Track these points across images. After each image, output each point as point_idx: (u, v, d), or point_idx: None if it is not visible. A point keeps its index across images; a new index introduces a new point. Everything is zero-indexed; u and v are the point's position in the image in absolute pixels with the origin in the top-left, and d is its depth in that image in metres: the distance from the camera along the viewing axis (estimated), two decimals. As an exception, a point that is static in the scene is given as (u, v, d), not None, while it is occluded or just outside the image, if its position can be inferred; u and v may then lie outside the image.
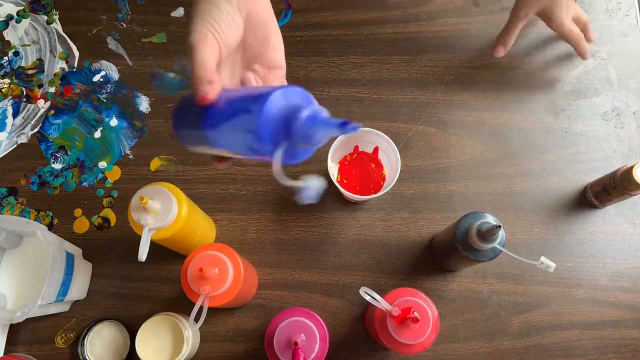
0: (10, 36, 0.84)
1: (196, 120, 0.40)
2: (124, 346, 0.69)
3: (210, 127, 0.38)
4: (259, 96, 0.34)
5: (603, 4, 0.84)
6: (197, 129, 0.40)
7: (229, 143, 0.37)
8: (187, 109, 0.43)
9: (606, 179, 0.70)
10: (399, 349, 0.57)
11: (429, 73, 0.80)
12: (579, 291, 0.72)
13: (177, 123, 0.45)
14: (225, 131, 0.37)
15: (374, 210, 0.75)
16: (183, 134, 0.44)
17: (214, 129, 0.38)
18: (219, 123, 0.37)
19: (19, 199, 0.76)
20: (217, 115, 0.38)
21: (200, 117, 0.39)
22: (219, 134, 0.37)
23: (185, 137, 0.44)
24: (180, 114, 0.44)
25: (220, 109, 0.38)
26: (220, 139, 0.38)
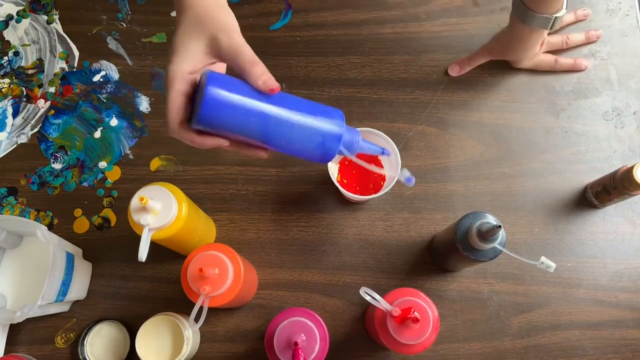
0: (10, 36, 0.84)
1: (252, 109, 0.43)
2: (124, 346, 0.69)
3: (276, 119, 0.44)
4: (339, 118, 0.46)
5: (603, 4, 0.84)
6: (250, 119, 0.44)
7: (291, 137, 0.44)
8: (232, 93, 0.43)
9: (606, 179, 0.70)
10: (399, 349, 0.57)
11: (429, 73, 0.80)
12: (579, 291, 0.72)
13: (214, 102, 0.43)
14: (295, 128, 0.44)
15: (374, 210, 0.75)
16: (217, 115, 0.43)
17: (281, 123, 0.44)
18: (291, 120, 0.44)
19: (19, 199, 0.76)
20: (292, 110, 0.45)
21: (260, 108, 0.43)
22: (284, 127, 0.44)
23: (219, 120, 0.44)
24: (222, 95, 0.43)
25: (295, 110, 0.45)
26: (283, 131, 0.44)
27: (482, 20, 0.83)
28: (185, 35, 0.46)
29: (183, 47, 0.46)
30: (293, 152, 0.46)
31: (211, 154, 0.77)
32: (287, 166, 0.76)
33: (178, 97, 0.45)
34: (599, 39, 0.81)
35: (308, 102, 0.46)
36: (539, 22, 0.68)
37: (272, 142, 0.45)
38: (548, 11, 0.67)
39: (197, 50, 0.46)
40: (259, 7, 0.84)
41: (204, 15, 0.47)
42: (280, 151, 0.47)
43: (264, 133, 0.44)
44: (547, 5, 0.66)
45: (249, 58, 0.46)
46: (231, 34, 0.47)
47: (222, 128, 0.44)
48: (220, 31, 0.46)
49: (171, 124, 0.45)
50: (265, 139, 0.45)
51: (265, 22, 0.83)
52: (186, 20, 0.47)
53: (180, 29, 0.47)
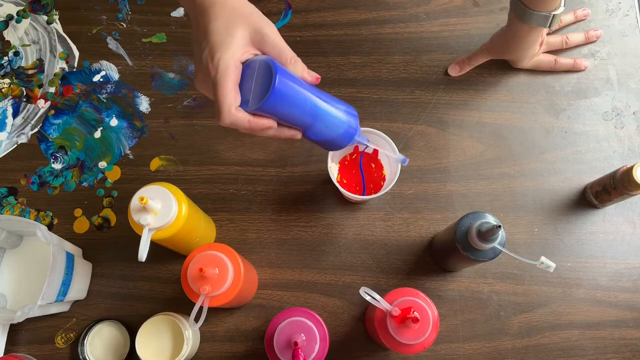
0: (10, 36, 0.84)
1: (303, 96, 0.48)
2: (124, 346, 0.69)
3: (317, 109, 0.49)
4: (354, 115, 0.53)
5: (603, 4, 0.84)
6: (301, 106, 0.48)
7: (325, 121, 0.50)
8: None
9: (606, 179, 0.70)
10: (399, 349, 0.57)
11: (429, 73, 0.80)
12: (579, 291, 0.72)
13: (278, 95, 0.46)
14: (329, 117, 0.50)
15: (374, 210, 0.75)
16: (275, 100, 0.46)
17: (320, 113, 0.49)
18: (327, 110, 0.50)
19: (19, 199, 0.76)
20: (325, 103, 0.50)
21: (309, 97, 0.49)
22: (324, 115, 0.50)
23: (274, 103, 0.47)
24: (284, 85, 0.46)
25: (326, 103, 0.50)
26: (322, 118, 0.50)
27: (482, 20, 0.83)
28: (229, 25, 0.47)
29: (229, 37, 0.47)
30: (324, 137, 0.51)
31: (211, 154, 0.77)
32: (287, 166, 0.76)
33: (234, 85, 0.47)
34: (598, 39, 0.81)
35: (332, 96, 0.52)
36: (537, 20, 0.68)
37: (315, 127, 0.50)
38: (546, 9, 0.67)
39: (242, 40, 0.48)
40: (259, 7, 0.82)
41: (242, 9, 0.49)
42: (313, 137, 0.51)
43: (314, 118, 0.49)
44: (545, 3, 0.66)
45: (291, 53, 0.50)
46: (274, 30, 0.49)
47: (279, 112, 0.48)
48: (264, 26, 0.49)
49: (229, 109, 0.46)
50: (311, 124, 0.49)
51: (265, 22, 0.83)
52: (224, 12, 0.48)
53: (218, 20, 0.48)
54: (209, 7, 0.48)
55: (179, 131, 0.79)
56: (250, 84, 0.47)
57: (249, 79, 0.47)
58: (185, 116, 0.79)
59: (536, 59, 0.78)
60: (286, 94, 0.46)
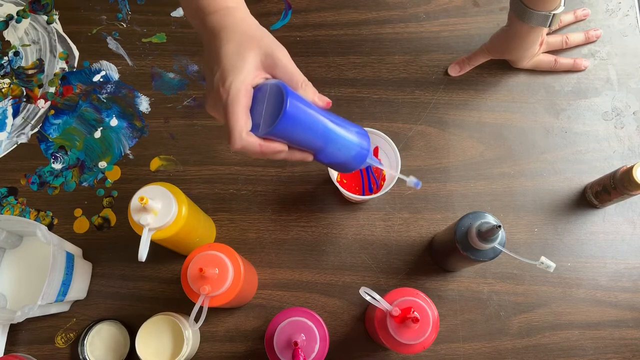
0: (10, 36, 0.84)
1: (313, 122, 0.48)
2: (124, 346, 0.69)
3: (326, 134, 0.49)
4: (365, 135, 0.52)
5: (603, 4, 0.84)
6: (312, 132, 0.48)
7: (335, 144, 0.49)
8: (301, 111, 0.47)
9: (606, 179, 0.70)
10: (399, 349, 0.57)
11: (429, 73, 0.80)
12: (579, 291, 0.72)
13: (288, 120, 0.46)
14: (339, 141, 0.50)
15: (374, 210, 0.75)
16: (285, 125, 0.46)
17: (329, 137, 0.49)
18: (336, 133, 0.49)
19: (19, 199, 0.76)
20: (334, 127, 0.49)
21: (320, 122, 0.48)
22: (332, 140, 0.49)
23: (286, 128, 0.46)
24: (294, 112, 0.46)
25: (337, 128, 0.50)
26: (331, 143, 0.49)
27: (482, 20, 0.83)
28: (240, 49, 0.47)
29: (240, 61, 0.47)
30: (336, 160, 0.50)
31: (211, 154, 0.77)
32: (287, 166, 0.76)
33: (246, 110, 0.46)
34: (598, 39, 0.81)
35: (343, 118, 0.52)
36: (537, 19, 0.68)
37: (327, 150, 0.49)
38: (546, 8, 0.67)
39: (254, 65, 0.48)
40: (259, 7, 0.84)
41: (253, 33, 0.49)
42: (324, 160, 0.51)
43: (325, 141, 0.49)
44: (545, 2, 0.66)
45: (302, 77, 0.49)
46: (286, 54, 0.49)
47: (291, 136, 0.47)
48: (276, 50, 0.49)
49: (240, 134, 0.46)
50: (323, 147, 0.49)
51: (265, 22, 0.82)
52: (235, 36, 0.48)
53: (230, 44, 0.48)
54: (221, 30, 0.49)
55: (179, 131, 0.79)
56: (261, 108, 0.47)
57: (260, 103, 0.47)
58: (185, 116, 0.79)
59: (536, 59, 0.78)
60: (297, 117, 0.46)
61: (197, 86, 0.81)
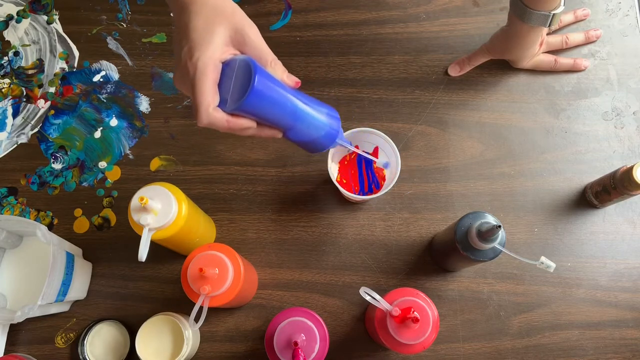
0: (10, 36, 0.84)
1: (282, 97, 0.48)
2: (124, 346, 0.69)
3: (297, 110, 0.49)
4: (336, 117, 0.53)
5: (603, 4, 0.84)
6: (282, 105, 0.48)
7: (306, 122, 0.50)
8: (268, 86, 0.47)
9: (606, 179, 0.70)
10: (399, 349, 0.57)
11: (429, 73, 0.80)
12: (579, 291, 0.72)
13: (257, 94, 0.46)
14: (310, 119, 0.50)
15: (374, 210, 0.75)
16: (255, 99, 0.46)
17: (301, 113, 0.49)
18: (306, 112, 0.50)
19: (19, 199, 0.76)
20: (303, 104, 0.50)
21: (288, 97, 0.48)
22: (304, 117, 0.50)
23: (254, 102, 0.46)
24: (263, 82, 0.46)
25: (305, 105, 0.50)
26: (302, 120, 0.50)
27: (482, 20, 0.83)
28: (209, 23, 0.47)
29: (209, 36, 0.46)
30: (305, 138, 0.51)
31: (211, 154, 0.77)
32: (287, 166, 0.76)
33: (213, 85, 0.46)
34: (598, 39, 0.81)
35: (314, 98, 0.52)
36: (537, 19, 0.68)
37: (296, 128, 0.50)
38: (546, 8, 0.67)
39: (222, 39, 0.47)
40: (259, 7, 0.84)
41: (224, 7, 0.48)
42: (293, 138, 0.51)
43: (294, 119, 0.49)
44: (545, 2, 0.66)
45: (272, 56, 0.49)
46: (256, 31, 0.49)
47: (258, 113, 0.47)
48: (246, 26, 0.48)
49: (207, 109, 0.45)
50: (292, 125, 0.50)
51: (265, 22, 0.83)
52: (204, 10, 0.47)
53: (199, 17, 0.47)
54: (190, 4, 0.47)
55: (179, 131, 0.79)
56: (229, 84, 0.46)
57: (228, 78, 0.47)
58: (185, 116, 0.79)
59: (536, 59, 0.78)
60: (265, 94, 0.46)
61: (197, 86, 0.80)
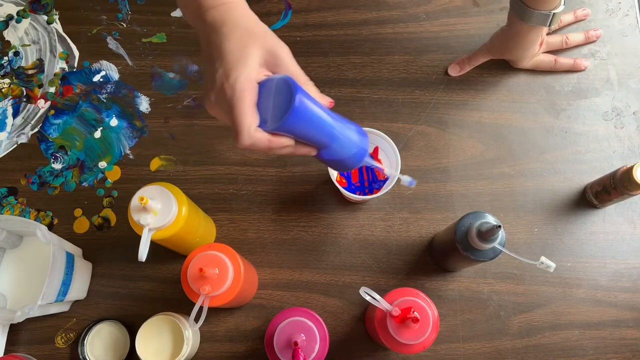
0: (10, 36, 0.84)
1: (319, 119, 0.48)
2: (124, 346, 0.69)
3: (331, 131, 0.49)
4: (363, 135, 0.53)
5: (603, 4, 0.84)
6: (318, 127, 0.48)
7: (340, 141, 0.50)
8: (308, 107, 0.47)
9: (606, 179, 0.70)
10: (399, 349, 0.57)
11: (429, 73, 0.80)
12: (579, 291, 0.72)
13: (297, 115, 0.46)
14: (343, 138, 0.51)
15: (374, 210, 0.75)
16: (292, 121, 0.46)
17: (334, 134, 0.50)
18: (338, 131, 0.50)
19: (19, 199, 0.76)
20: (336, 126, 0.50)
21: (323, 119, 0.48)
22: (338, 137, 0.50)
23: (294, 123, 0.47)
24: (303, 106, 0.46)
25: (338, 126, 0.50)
26: (336, 139, 0.50)
27: (482, 20, 0.83)
28: (243, 45, 0.47)
29: (244, 57, 0.46)
30: (337, 157, 0.51)
31: (211, 154, 0.77)
32: (287, 166, 0.76)
33: (253, 105, 0.46)
34: (598, 39, 0.81)
35: (344, 117, 0.53)
36: (537, 18, 0.68)
37: (332, 147, 0.50)
38: (546, 7, 0.67)
39: (257, 61, 0.47)
40: (259, 7, 0.84)
41: (255, 29, 0.49)
42: (326, 157, 0.51)
43: (331, 138, 0.49)
44: (545, 2, 0.66)
45: (305, 77, 0.49)
46: (289, 53, 0.49)
47: (298, 131, 0.48)
48: (279, 48, 0.48)
49: (249, 130, 0.45)
50: (328, 144, 0.50)
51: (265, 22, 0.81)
52: (237, 32, 0.47)
53: (232, 39, 0.47)
54: (222, 26, 0.48)
55: (179, 131, 0.79)
56: (267, 104, 0.46)
57: (266, 98, 0.47)
58: (185, 116, 0.79)
59: (536, 59, 0.78)
60: (305, 113, 0.46)
61: (197, 86, 0.80)
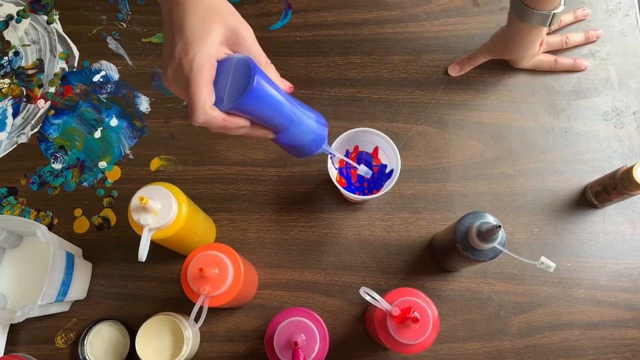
0: (10, 36, 0.84)
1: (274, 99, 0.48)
2: (124, 346, 0.69)
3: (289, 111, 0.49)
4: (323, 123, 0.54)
5: (603, 4, 0.84)
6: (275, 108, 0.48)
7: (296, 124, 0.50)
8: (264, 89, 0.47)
9: (606, 179, 0.70)
10: (399, 349, 0.57)
11: (429, 73, 0.80)
12: (579, 291, 0.72)
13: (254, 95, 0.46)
14: (299, 124, 0.51)
15: (374, 210, 0.75)
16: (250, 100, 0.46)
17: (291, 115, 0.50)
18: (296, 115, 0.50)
19: (19, 199, 0.76)
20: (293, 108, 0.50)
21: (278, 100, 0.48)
22: (293, 121, 0.50)
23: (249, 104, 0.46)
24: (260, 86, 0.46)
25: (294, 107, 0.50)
26: (292, 121, 0.50)
27: (482, 20, 0.83)
28: (205, 21, 0.46)
29: (205, 34, 0.46)
30: (295, 142, 0.51)
31: (211, 154, 0.77)
32: (287, 166, 0.76)
33: (209, 83, 0.46)
34: (598, 39, 0.81)
35: (304, 104, 0.53)
36: (537, 18, 0.68)
37: (289, 131, 0.50)
38: (546, 8, 0.67)
39: (218, 38, 0.47)
40: (259, 7, 0.84)
41: (219, 7, 0.48)
42: (283, 141, 0.51)
43: (289, 122, 0.49)
44: (545, 2, 0.66)
45: (265, 59, 0.49)
46: (251, 33, 0.48)
47: (254, 112, 0.48)
48: (241, 27, 0.48)
49: (203, 107, 0.45)
50: (285, 127, 0.50)
51: (265, 22, 0.83)
52: (200, 8, 0.47)
53: (194, 14, 0.46)
54: (185, 0, 0.47)
55: (179, 131, 0.79)
56: (225, 83, 0.46)
57: (224, 77, 0.46)
58: (185, 116, 0.79)
59: (536, 59, 0.78)
60: (263, 94, 0.46)
61: (197, 86, 0.80)
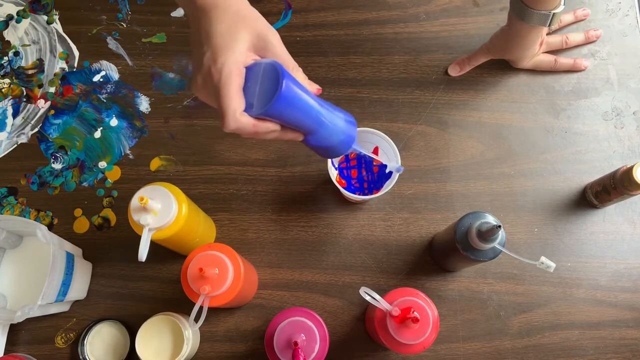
0: (10, 36, 0.84)
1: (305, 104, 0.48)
2: (124, 346, 0.69)
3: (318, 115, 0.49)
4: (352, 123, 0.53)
5: (603, 4, 0.84)
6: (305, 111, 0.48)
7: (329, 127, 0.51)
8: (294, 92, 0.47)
9: (606, 179, 0.70)
10: (399, 349, 0.57)
11: (429, 73, 0.80)
12: (579, 291, 0.72)
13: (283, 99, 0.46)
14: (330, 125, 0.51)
15: (374, 210, 0.75)
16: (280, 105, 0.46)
17: (321, 118, 0.50)
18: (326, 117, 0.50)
19: (19, 199, 0.76)
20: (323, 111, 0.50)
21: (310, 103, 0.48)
22: (324, 123, 0.50)
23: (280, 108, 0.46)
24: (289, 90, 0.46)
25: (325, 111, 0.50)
26: (324, 124, 0.50)
27: (482, 20, 0.83)
28: (231, 29, 0.47)
29: (233, 41, 0.46)
30: (325, 143, 0.51)
31: (211, 154, 0.77)
32: (287, 166, 0.76)
33: (239, 90, 0.46)
34: (598, 39, 0.81)
35: (332, 104, 0.53)
36: (537, 18, 0.68)
37: (319, 133, 0.50)
38: (546, 7, 0.67)
39: (245, 45, 0.47)
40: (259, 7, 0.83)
41: (245, 13, 0.48)
42: (313, 143, 0.51)
43: (318, 124, 0.49)
44: (545, 2, 0.66)
45: (293, 62, 0.49)
46: (278, 38, 0.49)
47: (284, 117, 0.48)
48: (268, 33, 0.48)
49: (234, 114, 0.45)
50: (315, 130, 0.50)
51: (265, 22, 0.83)
52: (227, 16, 0.47)
53: (221, 22, 0.47)
54: (211, 9, 0.47)
55: (179, 131, 0.79)
56: (253, 88, 0.46)
57: (253, 82, 0.47)
58: (185, 116, 0.79)
59: (536, 59, 0.78)
60: (292, 98, 0.46)
61: (197, 86, 0.80)
